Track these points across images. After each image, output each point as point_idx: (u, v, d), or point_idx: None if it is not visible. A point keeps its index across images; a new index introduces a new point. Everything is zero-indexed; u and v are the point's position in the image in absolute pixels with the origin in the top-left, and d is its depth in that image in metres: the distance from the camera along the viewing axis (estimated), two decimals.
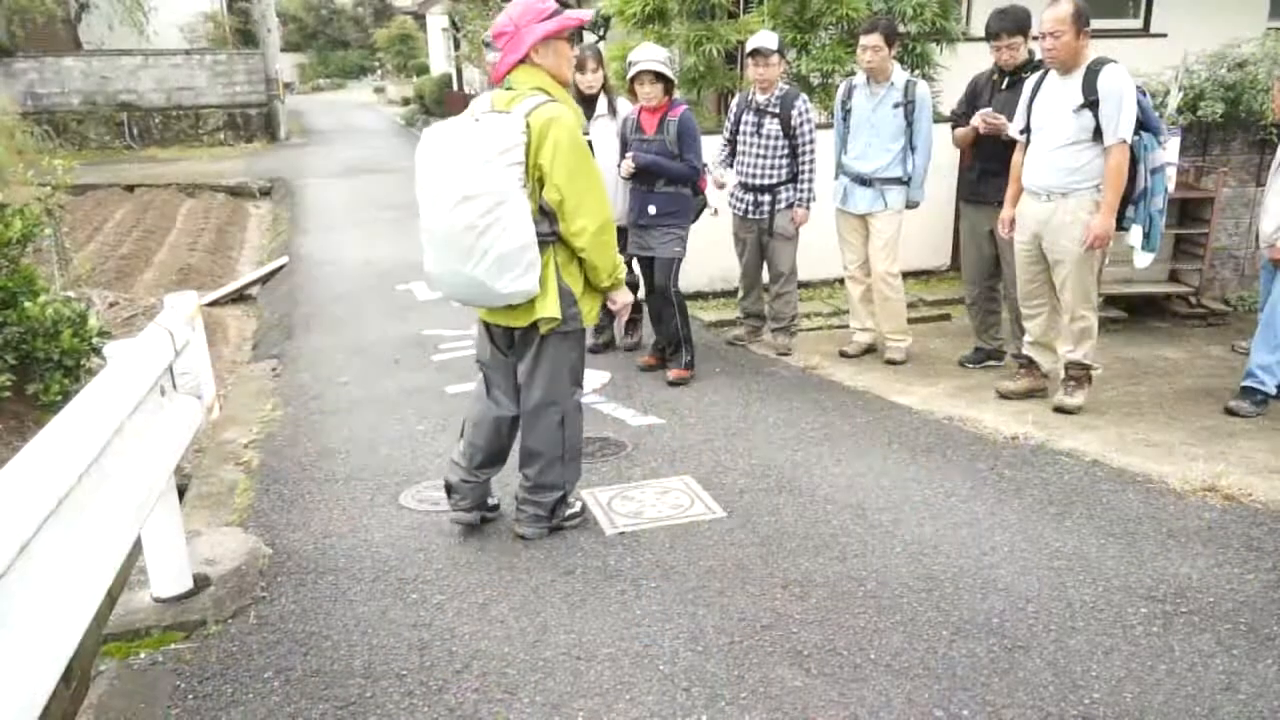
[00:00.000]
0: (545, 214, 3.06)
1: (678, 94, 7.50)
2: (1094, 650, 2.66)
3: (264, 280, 8.75)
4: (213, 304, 7.89)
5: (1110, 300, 6.15)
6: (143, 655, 2.79)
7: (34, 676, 1.66)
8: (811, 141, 5.31)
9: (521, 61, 3.07)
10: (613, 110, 5.30)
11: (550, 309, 3.12)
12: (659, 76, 4.92)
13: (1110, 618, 2.82)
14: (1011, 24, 4.81)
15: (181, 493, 3.57)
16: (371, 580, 3.16)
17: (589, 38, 10.07)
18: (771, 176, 5.38)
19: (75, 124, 19.85)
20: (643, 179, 5.04)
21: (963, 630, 2.77)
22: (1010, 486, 3.77)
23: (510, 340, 3.29)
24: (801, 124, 5.27)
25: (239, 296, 8.42)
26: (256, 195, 14.66)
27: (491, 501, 3.56)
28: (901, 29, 7.05)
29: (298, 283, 8.15)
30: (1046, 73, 4.42)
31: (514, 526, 3.43)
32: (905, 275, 5.77)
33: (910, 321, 5.75)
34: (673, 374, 5.21)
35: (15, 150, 10.83)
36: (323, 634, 2.85)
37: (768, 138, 5.32)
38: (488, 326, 3.32)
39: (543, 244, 3.05)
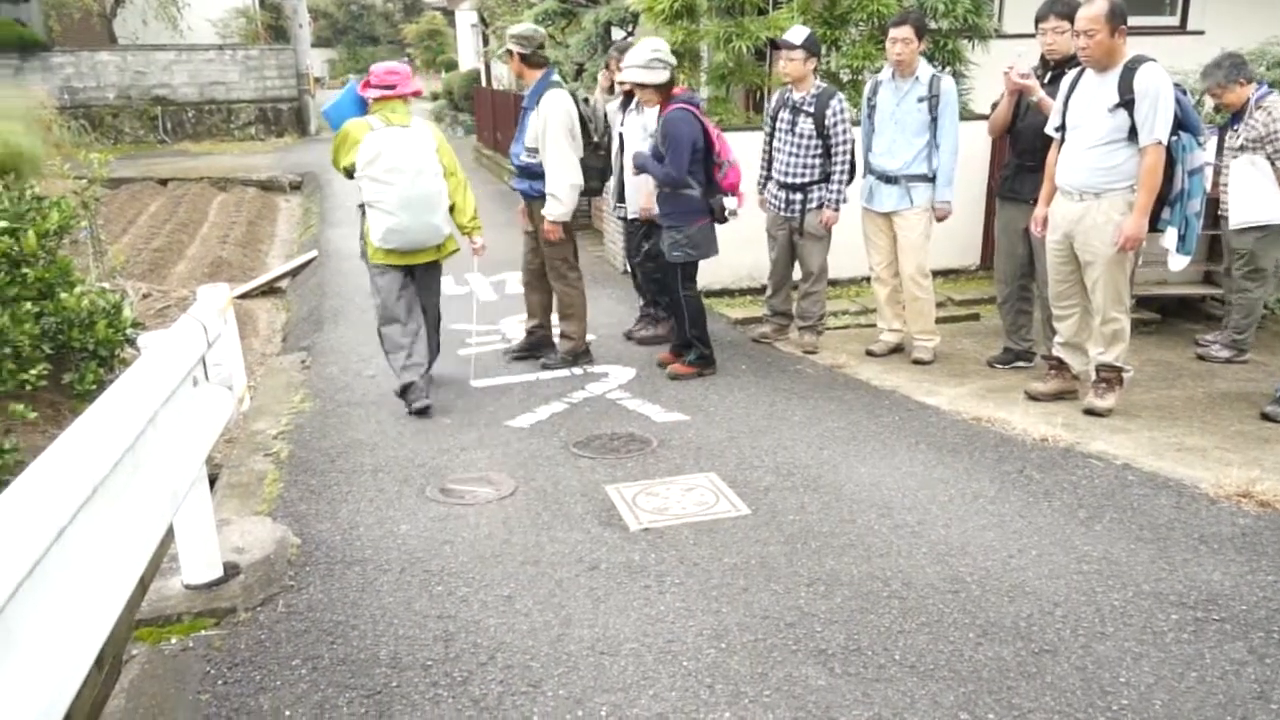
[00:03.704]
0: None
1: (706, 90, 7.51)
2: (1123, 656, 2.63)
3: (294, 273, 8.84)
4: (243, 296, 7.99)
5: (1143, 302, 6.07)
6: (174, 641, 2.83)
7: (68, 660, 1.69)
8: (846, 142, 5.25)
9: (401, 95, 4.65)
10: None
11: (455, 243, 4.92)
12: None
13: (1140, 624, 2.79)
14: (1062, 8, 4.68)
15: (212, 482, 3.61)
16: (398, 571, 3.19)
17: (617, 34, 10.08)
18: (804, 175, 5.35)
19: (110, 118, 20.16)
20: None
21: (989, 633, 2.75)
22: (1039, 489, 3.74)
23: (411, 273, 4.80)
24: (836, 124, 5.22)
25: (269, 289, 8.52)
26: (287, 189, 14.82)
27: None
28: (933, 25, 6.99)
29: (327, 276, 8.22)
30: (1083, 70, 4.36)
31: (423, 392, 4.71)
32: (935, 274, 5.72)
33: (938, 321, 5.71)
34: (672, 365, 5.22)
35: (53, 144, 11.01)
36: (349, 623, 2.88)
37: (801, 136, 5.29)
38: (400, 269, 4.74)
39: None
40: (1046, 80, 4.85)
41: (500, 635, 2.79)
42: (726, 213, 5.04)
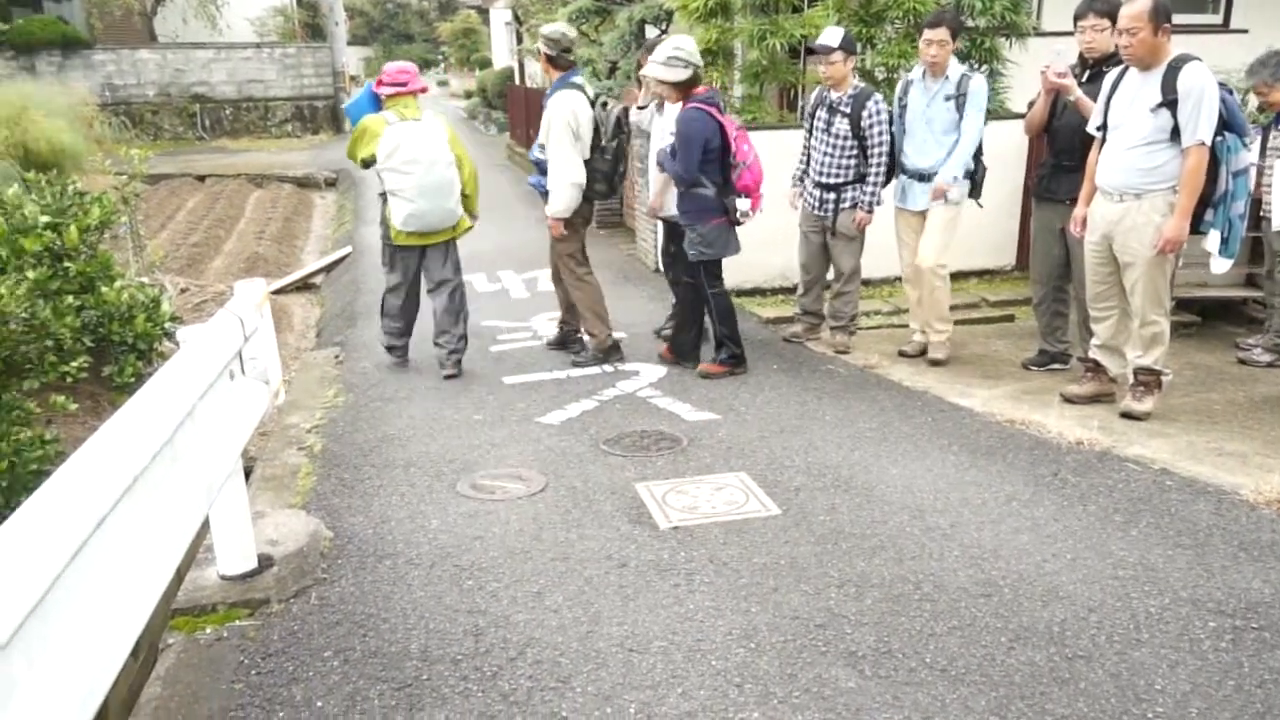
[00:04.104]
0: None
1: (740, 88, 7.48)
2: (1159, 663, 2.59)
3: (328, 269, 8.94)
4: (279, 291, 8.09)
5: (1183, 304, 5.96)
6: (209, 630, 2.87)
7: (107, 648, 1.72)
8: (882, 144, 5.21)
9: (412, 92, 5.11)
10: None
11: (468, 222, 5.40)
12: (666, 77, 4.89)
13: (1177, 630, 2.74)
14: (1101, 5, 4.59)
15: (247, 474, 3.66)
16: (429, 565, 3.21)
17: (651, 32, 10.08)
18: (838, 175, 5.32)
19: (150, 115, 20.48)
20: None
21: (1022, 637, 2.72)
22: (1074, 493, 3.69)
23: (423, 253, 5.29)
24: (872, 125, 5.18)
25: (304, 285, 8.62)
26: (322, 186, 14.97)
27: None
28: (970, 23, 6.91)
29: (360, 272, 8.30)
30: (1126, 69, 4.28)
31: (445, 371, 5.32)
32: (969, 275, 5.66)
33: (973, 322, 5.66)
34: (701, 366, 5.21)
35: (94, 140, 11.22)
36: (381, 616, 2.91)
37: (837, 136, 5.26)
38: (418, 249, 5.28)
39: None
40: (1085, 79, 4.77)
41: (530, 631, 2.81)
42: (738, 214, 4.97)
